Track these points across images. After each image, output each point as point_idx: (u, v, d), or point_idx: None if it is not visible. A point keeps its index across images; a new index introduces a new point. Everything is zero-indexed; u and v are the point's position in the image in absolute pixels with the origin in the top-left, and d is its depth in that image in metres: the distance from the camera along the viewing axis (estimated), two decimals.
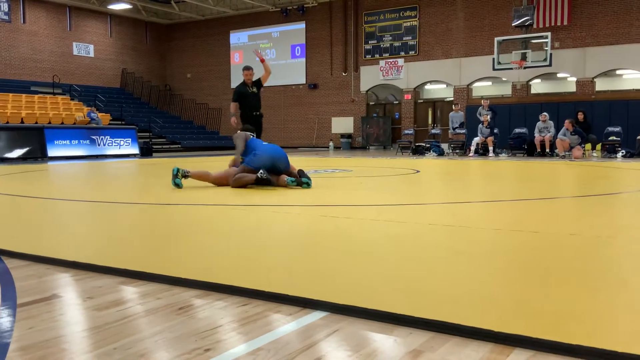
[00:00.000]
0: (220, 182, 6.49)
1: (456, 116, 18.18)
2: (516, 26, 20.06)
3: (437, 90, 24.61)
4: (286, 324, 1.82)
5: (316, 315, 1.89)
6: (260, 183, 6.09)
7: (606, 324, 1.76)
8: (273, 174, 6.22)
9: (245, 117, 8.66)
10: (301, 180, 6.14)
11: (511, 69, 20.00)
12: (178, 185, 6.24)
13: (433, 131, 19.25)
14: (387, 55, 24.80)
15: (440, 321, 1.75)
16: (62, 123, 19.44)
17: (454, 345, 1.63)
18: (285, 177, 6.19)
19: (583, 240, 3.15)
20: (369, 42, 25.32)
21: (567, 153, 14.59)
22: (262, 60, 8.70)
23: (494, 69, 20.16)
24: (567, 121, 14.87)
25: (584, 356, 1.52)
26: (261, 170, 6.08)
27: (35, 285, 2.31)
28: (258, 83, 8.81)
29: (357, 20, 25.57)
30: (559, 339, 1.58)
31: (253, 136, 6.77)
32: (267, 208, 4.66)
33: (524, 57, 19.35)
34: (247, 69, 8.84)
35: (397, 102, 25.22)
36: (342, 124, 26.29)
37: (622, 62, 20.07)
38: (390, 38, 24.73)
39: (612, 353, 1.50)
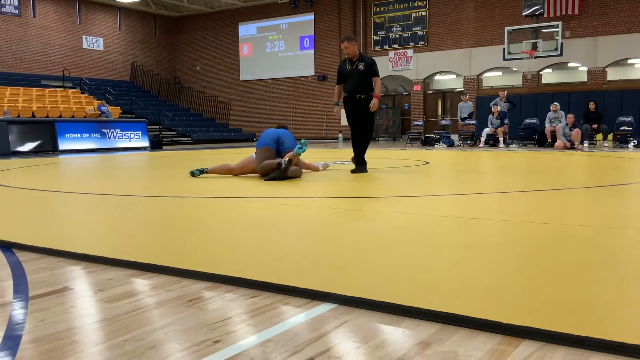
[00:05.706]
0: (243, 171, 6.67)
1: (465, 106, 18.07)
2: (527, 15, 19.91)
3: (447, 81, 24.47)
4: (295, 316, 1.83)
5: (325, 307, 1.90)
6: (278, 174, 6.13)
7: (615, 316, 1.75)
8: (279, 155, 6.36)
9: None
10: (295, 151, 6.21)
11: (522, 58, 19.88)
12: (194, 174, 6.61)
13: (443, 122, 19.16)
14: (396, 46, 24.66)
15: (449, 313, 1.75)
16: (73, 116, 19.57)
17: (463, 337, 1.63)
18: (291, 152, 6.24)
19: (594, 231, 3.13)
20: (378, 33, 25.19)
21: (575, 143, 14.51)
22: None
23: (504, 59, 20.04)
24: (569, 116, 14.71)
25: (593, 348, 1.51)
26: (284, 160, 6.15)
27: (47, 278, 2.34)
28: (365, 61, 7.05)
29: (365, 11, 25.43)
30: (568, 331, 1.58)
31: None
32: (276, 200, 4.67)
33: (534, 47, 19.23)
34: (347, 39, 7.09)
35: (406, 93, 25.12)
36: None
37: (634, 52, 19.83)
38: (400, 29, 24.58)
39: (622, 345, 1.49)
